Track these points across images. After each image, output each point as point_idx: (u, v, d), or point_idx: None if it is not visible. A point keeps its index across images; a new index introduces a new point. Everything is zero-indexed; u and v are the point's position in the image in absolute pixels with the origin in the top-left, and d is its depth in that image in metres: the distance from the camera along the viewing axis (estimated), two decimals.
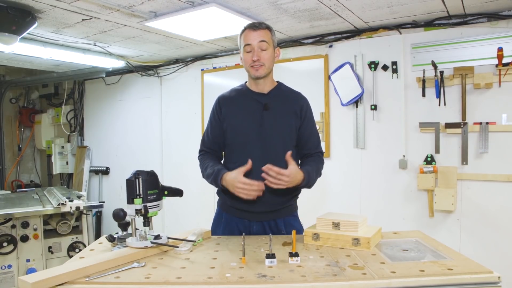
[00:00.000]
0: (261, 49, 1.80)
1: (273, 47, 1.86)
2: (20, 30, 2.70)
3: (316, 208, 2.85)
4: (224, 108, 1.91)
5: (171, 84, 4.46)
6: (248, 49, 1.81)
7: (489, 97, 2.80)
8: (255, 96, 1.89)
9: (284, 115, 1.87)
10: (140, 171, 1.52)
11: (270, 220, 1.89)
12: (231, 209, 1.91)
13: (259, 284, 1.18)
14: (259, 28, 1.81)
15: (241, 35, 1.86)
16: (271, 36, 1.85)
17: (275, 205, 1.87)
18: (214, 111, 1.94)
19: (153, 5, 2.59)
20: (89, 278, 1.22)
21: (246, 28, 1.84)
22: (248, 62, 1.82)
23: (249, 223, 1.89)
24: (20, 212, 3.12)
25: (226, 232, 1.91)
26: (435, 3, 2.60)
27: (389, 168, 3.19)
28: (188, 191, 1.97)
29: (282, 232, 1.87)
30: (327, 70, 3.43)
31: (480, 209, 2.86)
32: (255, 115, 1.86)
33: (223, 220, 1.94)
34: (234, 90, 1.97)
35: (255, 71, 1.82)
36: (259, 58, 1.80)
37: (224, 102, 1.93)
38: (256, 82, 1.88)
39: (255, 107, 1.87)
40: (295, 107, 1.89)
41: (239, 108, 1.89)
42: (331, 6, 2.66)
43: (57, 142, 5.39)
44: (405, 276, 1.20)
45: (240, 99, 1.91)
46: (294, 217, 1.96)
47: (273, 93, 1.91)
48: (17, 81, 5.30)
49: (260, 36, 1.80)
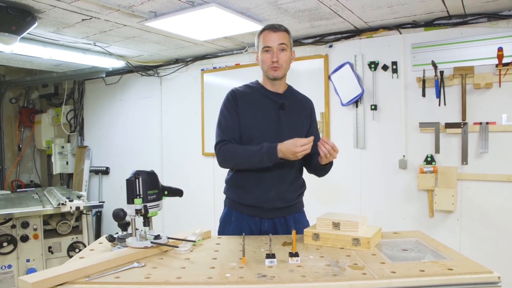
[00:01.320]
0: (280, 51, 1.84)
1: (290, 49, 1.90)
2: (20, 30, 2.69)
3: (316, 208, 2.85)
4: (241, 103, 1.90)
5: (171, 84, 4.46)
6: (267, 50, 1.85)
7: (489, 97, 2.80)
8: (271, 95, 1.93)
9: (297, 116, 1.94)
10: (140, 171, 1.52)
11: (281, 217, 1.91)
12: (242, 207, 1.92)
13: (259, 284, 1.18)
14: (279, 30, 1.85)
15: (259, 35, 1.89)
16: (289, 39, 1.89)
17: (286, 202, 1.89)
18: (231, 102, 1.90)
19: (153, 5, 2.59)
20: (89, 278, 1.22)
21: (266, 29, 1.87)
22: (267, 63, 1.85)
23: (260, 220, 1.90)
24: (20, 212, 3.12)
25: (237, 231, 1.89)
26: (435, 3, 2.60)
27: (389, 168, 3.19)
28: (188, 191, 1.97)
29: (292, 229, 1.87)
30: (327, 70, 3.43)
31: (480, 209, 2.85)
32: (272, 113, 1.90)
33: (233, 219, 1.94)
34: (247, 86, 1.98)
35: (274, 72, 1.85)
36: (278, 59, 1.84)
37: (240, 96, 1.91)
38: (272, 82, 1.92)
39: (272, 105, 1.91)
40: (306, 109, 2.00)
41: (255, 105, 1.91)
42: (331, 6, 2.65)
43: (57, 142, 5.39)
44: (405, 276, 1.20)
45: (255, 96, 1.93)
46: (302, 214, 2.01)
47: (288, 94, 1.96)
48: (17, 81, 5.30)
49: (280, 39, 1.84)
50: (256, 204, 1.87)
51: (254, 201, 1.86)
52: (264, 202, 1.86)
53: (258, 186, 1.86)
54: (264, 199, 1.85)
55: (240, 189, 1.90)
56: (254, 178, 1.86)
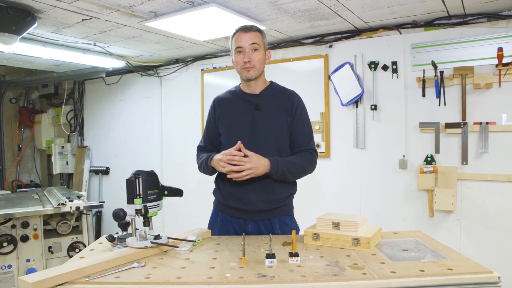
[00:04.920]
0: (252, 51, 1.83)
1: (264, 50, 1.89)
2: (20, 30, 2.69)
3: (316, 208, 2.86)
4: (219, 109, 1.96)
5: (171, 84, 4.46)
6: (240, 51, 1.85)
7: (489, 97, 2.80)
8: (247, 97, 1.93)
9: (275, 114, 1.89)
10: (140, 171, 1.52)
11: (265, 220, 1.89)
12: (226, 208, 1.93)
13: (259, 284, 1.18)
14: (250, 30, 1.85)
15: (232, 37, 1.89)
16: (262, 39, 1.88)
17: (270, 204, 1.87)
18: (210, 112, 2.02)
19: (153, 5, 2.59)
20: (89, 278, 1.22)
21: (238, 30, 1.88)
22: (239, 63, 1.86)
23: (244, 222, 1.90)
24: (20, 212, 3.12)
25: (222, 231, 1.91)
26: (435, 3, 2.60)
27: (389, 168, 3.19)
28: (188, 191, 1.97)
29: (277, 232, 1.87)
30: (327, 70, 3.43)
31: (480, 209, 2.85)
32: (247, 116, 1.89)
33: (219, 220, 1.96)
34: (228, 91, 2.02)
35: (247, 73, 1.85)
36: (250, 59, 1.83)
37: (218, 104, 1.99)
38: (247, 83, 1.91)
39: (247, 108, 1.90)
40: (286, 104, 1.91)
41: (232, 109, 1.93)
42: (331, 6, 2.65)
43: (57, 142, 5.39)
44: (405, 276, 1.20)
45: (233, 100, 1.96)
46: (289, 217, 1.96)
47: (265, 93, 1.93)
48: (17, 81, 5.30)
49: (251, 39, 1.83)
50: (238, 206, 1.87)
51: (236, 203, 1.86)
52: (247, 205, 1.85)
53: (240, 188, 1.84)
54: (246, 202, 1.83)
55: (224, 191, 1.91)
56: (236, 180, 1.80)
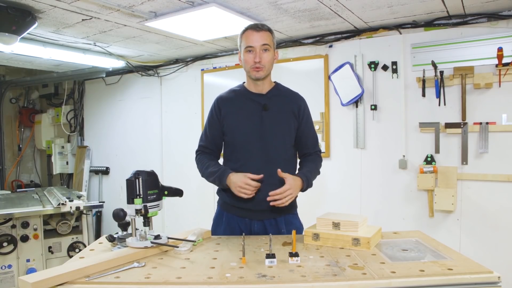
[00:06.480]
0: (263, 51, 1.81)
1: (274, 50, 1.88)
2: (20, 30, 2.69)
3: (316, 208, 2.85)
4: (224, 109, 1.92)
5: (171, 84, 4.46)
6: (250, 50, 1.82)
7: (489, 97, 2.80)
8: (254, 97, 1.91)
9: (283, 115, 1.89)
10: (140, 171, 1.52)
11: (271, 219, 1.90)
12: (232, 208, 1.92)
13: (259, 284, 1.18)
14: (261, 29, 1.82)
15: (242, 35, 1.86)
16: (272, 39, 1.86)
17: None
18: (213, 111, 1.96)
19: (153, 5, 2.59)
20: (89, 278, 1.22)
21: (248, 28, 1.84)
22: (249, 63, 1.83)
23: (250, 221, 1.90)
24: (20, 212, 3.12)
25: (227, 231, 1.91)
26: (435, 3, 2.60)
27: (389, 168, 3.19)
28: (188, 191, 1.97)
29: (283, 231, 1.88)
30: (327, 70, 3.43)
31: (480, 209, 2.85)
32: (255, 115, 1.88)
33: (224, 220, 1.95)
34: (232, 91, 1.99)
35: (256, 73, 1.83)
36: (261, 60, 1.81)
37: (223, 103, 1.94)
38: (255, 83, 1.90)
39: (255, 107, 1.88)
40: (293, 107, 1.91)
41: (238, 109, 1.91)
42: (331, 6, 2.65)
43: (57, 142, 5.39)
44: (405, 276, 1.20)
45: (239, 99, 1.93)
46: (294, 215, 1.98)
47: (272, 94, 1.92)
48: (17, 81, 5.30)
49: (263, 39, 1.81)
50: (244, 205, 1.86)
51: (242, 203, 1.85)
52: (252, 204, 1.84)
53: None
54: (252, 201, 1.82)
55: (229, 191, 1.88)
56: None
